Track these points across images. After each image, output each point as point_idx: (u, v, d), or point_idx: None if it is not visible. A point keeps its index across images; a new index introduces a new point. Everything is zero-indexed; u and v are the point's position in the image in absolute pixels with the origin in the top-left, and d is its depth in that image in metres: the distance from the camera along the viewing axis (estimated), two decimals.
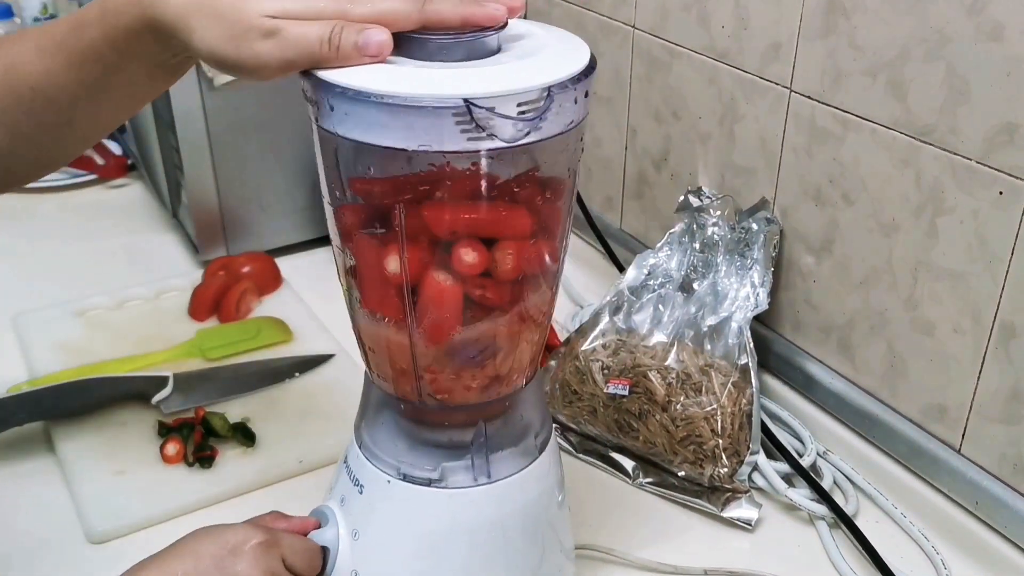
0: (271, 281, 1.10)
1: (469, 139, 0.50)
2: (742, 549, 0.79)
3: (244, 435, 0.86)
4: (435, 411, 0.62)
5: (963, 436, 0.78)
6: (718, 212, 0.91)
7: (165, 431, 0.86)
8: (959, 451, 0.78)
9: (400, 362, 0.60)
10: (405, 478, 0.62)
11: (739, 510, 0.80)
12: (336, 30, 0.51)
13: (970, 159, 0.72)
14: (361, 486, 0.64)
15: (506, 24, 0.54)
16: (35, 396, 0.87)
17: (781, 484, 0.81)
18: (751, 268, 0.88)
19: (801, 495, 0.81)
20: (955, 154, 0.73)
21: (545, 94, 0.51)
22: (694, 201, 0.93)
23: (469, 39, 0.53)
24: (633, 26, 1.03)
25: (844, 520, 0.78)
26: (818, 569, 0.77)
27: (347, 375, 0.95)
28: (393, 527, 0.63)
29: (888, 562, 0.75)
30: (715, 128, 0.95)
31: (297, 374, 0.95)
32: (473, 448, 0.62)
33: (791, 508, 0.81)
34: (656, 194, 1.05)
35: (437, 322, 0.57)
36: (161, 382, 0.90)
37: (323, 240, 1.19)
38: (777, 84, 0.87)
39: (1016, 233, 0.70)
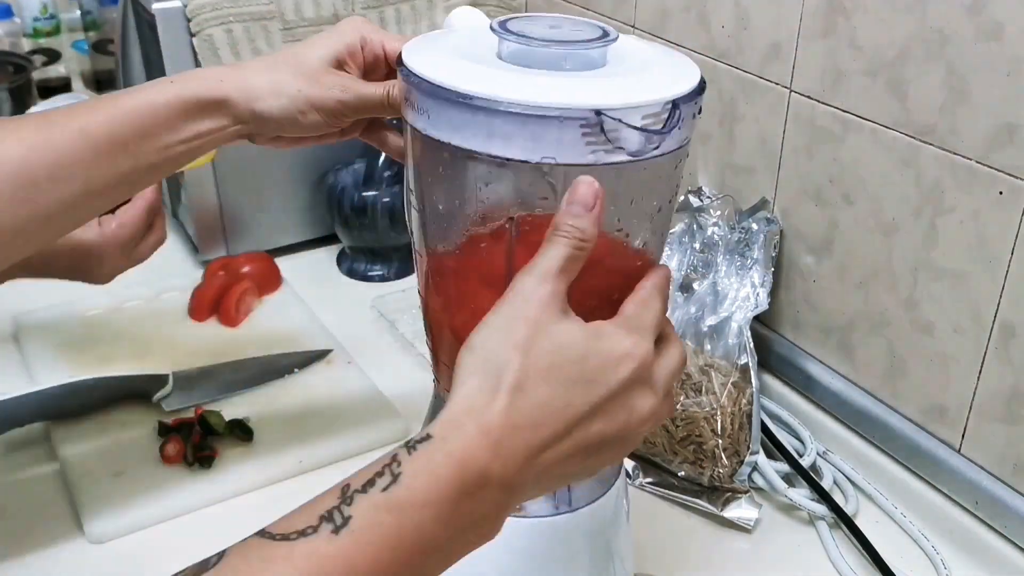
0: (271, 281, 1.09)
1: (593, 151, 0.47)
2: (742, 549, 0.79)
3: (242, 431, 0.86)
4: None
5: (963, 436, 0.78)
6: (718, 212, 0.91)
7: (165, 431, 0.86)
8: (959, 451, 0.78)
9: None
10: None
11: (739, 510, 0.80)
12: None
13: (970, 159, 0.72)
14: None
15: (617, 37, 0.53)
16: (35, 396, 0.87)
17: (781, 484, 0.81)
18: (751, 268, 0.88)
19: (801, 495, 0.81)
20: (955, 154, 0.73)
21: (670, 106, 0.49)
22: (694, 201, 0.93)
23: (581, 48, 0.51)
24: (633, 26, 1.03)
25: (844, 520, 0.78)
26: (818, 569, 0.77)
27: (345, 374, 0.95)
28: (468, 557, 0.61)
29: (888, 562, 0.75)
30: (715, 128, 0.95)
31: (296, 370, 0.95)
32: None
33: (791, 508, 0.81)
34: None
35: None
36: (161, 381, 0.90)
37: (323, 240, 1.20)
38: (777, 84, 0.87)
39: (1016, 233, 0.70)
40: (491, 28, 0.53)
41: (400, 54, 0.54)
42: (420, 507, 0.42)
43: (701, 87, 0.52)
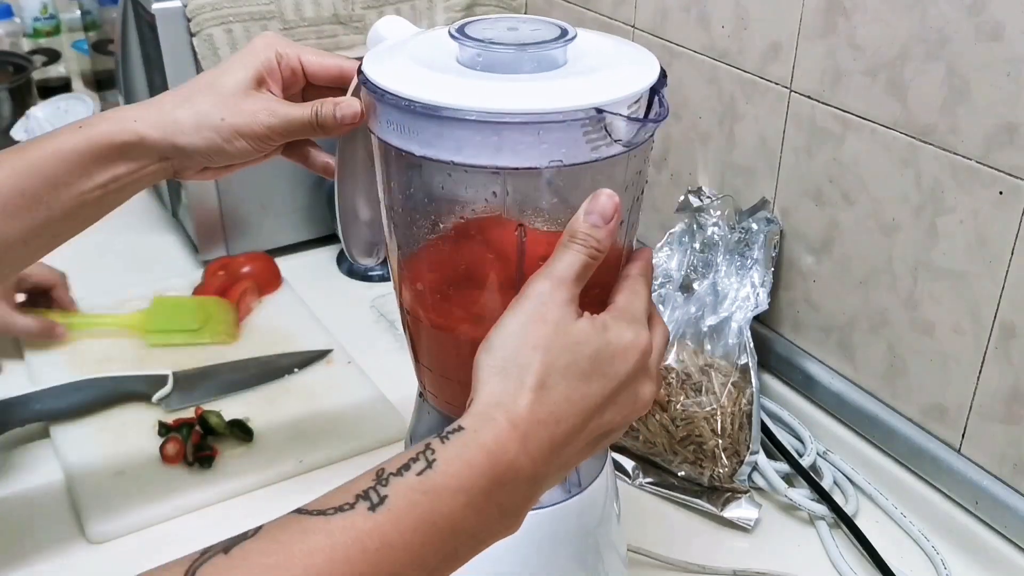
0: (271, 281, 1.10)
1: (594, 148, 0.49)
2: (742, 549, 0.79)
3: (241, 431, 0.86)
4: None
5: (963, 436, 0.78)
6: (718, 212, 0.91)
7: (165, 431, 0.86)
8: (959, 451, 0.78)
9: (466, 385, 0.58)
10: None
11: (739, 510, 0.80)
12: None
13: (970, 159, 0.72)
14: None
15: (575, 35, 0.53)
16: (35, 396, 0.87)
17: (781, 484, 0.81)
18: (751, 268, 0.88)
19: (801, 495, 0.81)
20: (955, 154, 0.73)
21: (647, 93, 0.51)
22: (694, 201, 0.93)
23: (542, 50, 0.52)
24: (633, 26, 1.03)
25: (844, 520, 0.78)
26: (818, 569, 0.77)
27: (345, 373, 0.95)
28: (491, 553, 0.60)
29: (888, 562, 0.75)
30: (715, 128, 0.95)
31: (296, 370, 0.95)
32: None
33: (791, 508, 0.81)
34: (656, 194, 1.05)
35: None
36: (161, 381, 0.90)
37: (323, 240, 1.20)
38: (777, 84, 0.87)
39: (1016, 233, 0.70)
40: (450, 35, 0.53)
41: (362, 71, 0.53)
42: (454, 492, 0.44)
43: (664, 73, 0.53)
